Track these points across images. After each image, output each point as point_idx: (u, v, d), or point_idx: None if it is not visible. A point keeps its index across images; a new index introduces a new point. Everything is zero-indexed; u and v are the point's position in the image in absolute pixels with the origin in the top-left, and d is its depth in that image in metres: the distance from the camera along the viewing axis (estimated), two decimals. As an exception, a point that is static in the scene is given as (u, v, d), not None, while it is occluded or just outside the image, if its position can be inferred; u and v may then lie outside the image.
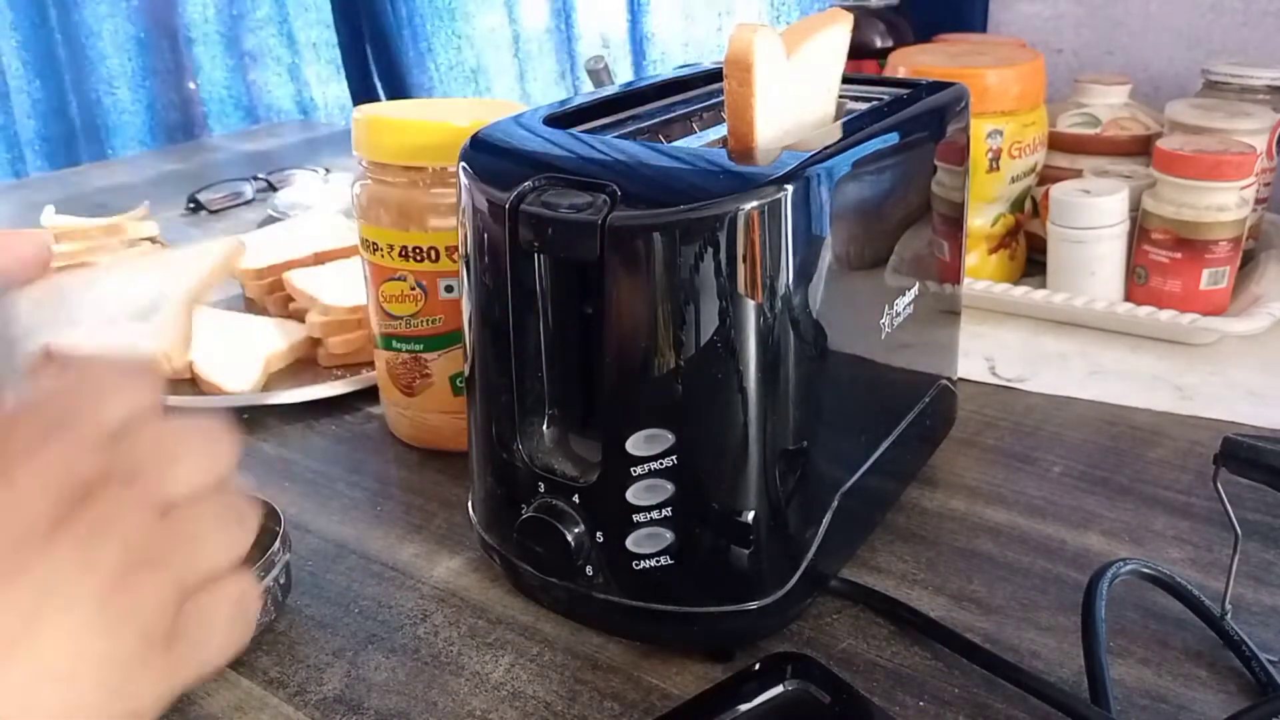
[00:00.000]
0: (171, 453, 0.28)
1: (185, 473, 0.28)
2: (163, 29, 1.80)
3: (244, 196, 1.17)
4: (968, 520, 0.55)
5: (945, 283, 0.55)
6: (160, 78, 1.82)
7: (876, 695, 0.43)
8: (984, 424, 0.64)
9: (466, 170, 0.44)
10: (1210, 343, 0.73)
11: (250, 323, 0.79)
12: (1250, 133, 0.77)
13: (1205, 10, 0.94)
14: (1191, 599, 0.46)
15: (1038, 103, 0.79)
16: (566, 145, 0.44)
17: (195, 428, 0.29)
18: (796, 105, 0.47)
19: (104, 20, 1.78)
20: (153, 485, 0.27)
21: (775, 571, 0.43)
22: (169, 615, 0.26)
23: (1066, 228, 0.76)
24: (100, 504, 0.25)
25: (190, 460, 0.28)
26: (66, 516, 0.24)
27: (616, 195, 0.39)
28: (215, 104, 1.83)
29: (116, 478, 0.26)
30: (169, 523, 0.27)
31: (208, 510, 0.28)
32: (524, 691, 0.44)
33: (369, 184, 0.58)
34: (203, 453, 0.28)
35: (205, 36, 1.80)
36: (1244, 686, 0.43)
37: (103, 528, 0.25)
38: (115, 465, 0.26)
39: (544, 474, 0.43)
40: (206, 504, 0.28)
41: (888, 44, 0.92)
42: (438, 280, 0.57)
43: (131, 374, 0.29)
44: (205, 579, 0.27)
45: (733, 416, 0.40)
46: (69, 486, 0.25)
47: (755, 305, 0.39)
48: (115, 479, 0.26)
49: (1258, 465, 0.43)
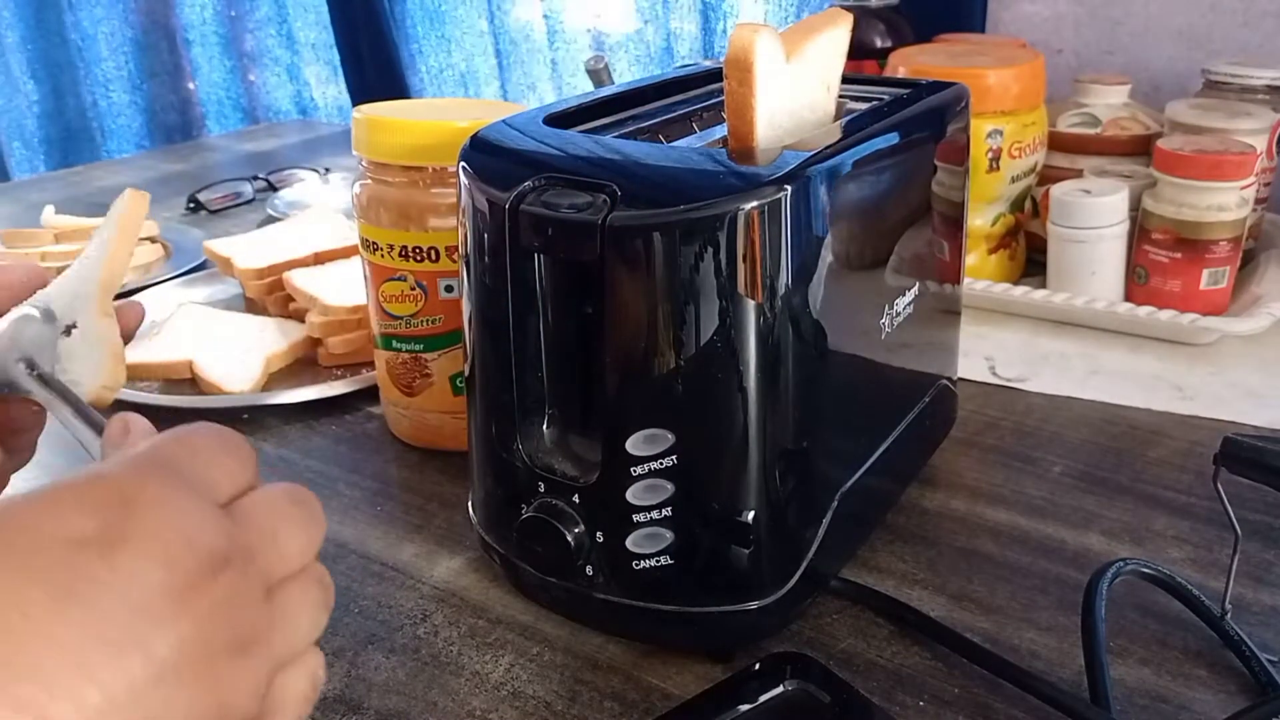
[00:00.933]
0: (277, 528, 0.27)
1: (290, 549, 0.27)
2: (160, 30, 1.80)
3: (244, 196, 1.17)
4: (968, 520, 0.55)
5: (945, 283, 0.55)
6: (158, 79, 1.82)
7: (876, 695, 0.43)
8: (984, 424, 0.64)
9: (466, 170, 0.44)
10: (1210, 343, 0.73)
11: (250, 323, 0.79)
12: (1250, 133, 0.77)
13: (1205, 10, 0.94)
14: (1191, 599, 0.46)
15: (1038, 103, 0.79)
16: (566, 145, 0.44)
17: (291, 497, 0.28)
18: (796, 105, 0.47)
19: (100, 23, 1.78)
20: (269, 564, 0.26)
21: (775, 571, 0.43)
22: (261, 697, 0.25)
23: (1066, 228, 0.76)
24: (223, 583, 0.24)
25: (292, 534, 0.28)
26: (190, 591, 0.23)
27: (616, 195, 0.39)
28: (213, 105, 1.83)
29: (238, 555, 0.25)
30: (273, 603, 0.26)
31: (305, 587, 0.28)
32: (524, 691, 0.44)
33: (369, 184, 0.58)
34: (301, 524, 0.28)
35: (203, 38, 1.79)
36: (1244, 686, 0.43)
37: (224, 608, 0.24)
38: (233, 541, 0.25)
39: (544, 474, 0.43)
40: (304, 580, 0.28)
41: (888, 44, 0.92)
42: (438, 280, 0.57)
43: (231, 443, 0.28)
44: (295, 657, 0.27)
45: (733, 416, 0.40)
46: (196, 560, 0.24)
47: (755, 305, 0.39)
48: (237, 556, 0.25)
49: (1258, 465, 0.43)
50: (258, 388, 0.71)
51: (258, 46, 1.77)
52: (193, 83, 1.83)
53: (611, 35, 1.37)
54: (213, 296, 0.88)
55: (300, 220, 0.97)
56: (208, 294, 0.88)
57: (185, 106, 1.85)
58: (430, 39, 1.54)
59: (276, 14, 1.72)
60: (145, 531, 0.23)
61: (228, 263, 0.86)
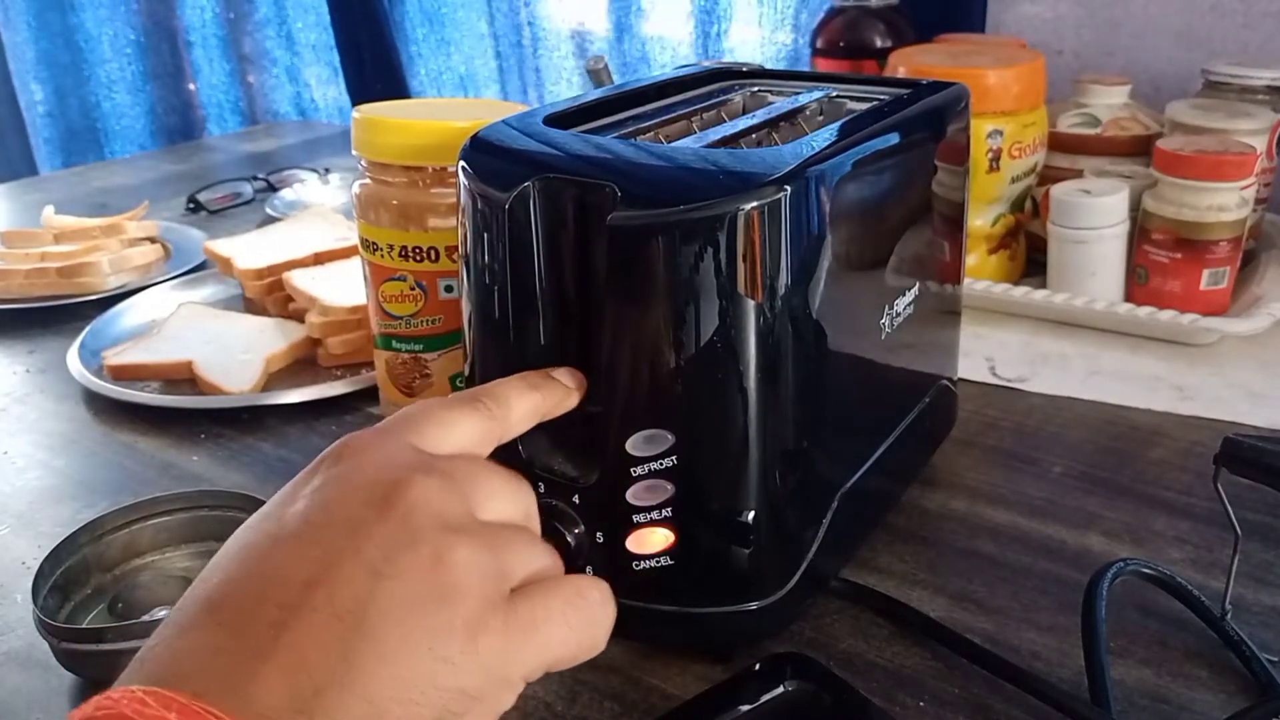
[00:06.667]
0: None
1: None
2: (162, 32, 1.80)
3: (244, 196, 1.17)
4: (968, 520, 0.55)
5: (945, 283, 0.55)
6: (160, 81, 1.82)
7: (876, 695, 0.43)
8: (984, 424, 0.64)
9: (466, 170, 0.44)
10: (1210, 343, 0.73)
11: (250, 323, 0.79)
12: (1250, 133, 0.77)
13: (1205, 12, 0.94)
14: (1191, 599, 0.46)
15: (1038, 103, 0.79)
16: (566, 145, 0.44)
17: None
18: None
19: (103, 24, 1.78)
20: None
21: (775, 572, 0.43)
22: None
23: (1067, 228, 0.76)
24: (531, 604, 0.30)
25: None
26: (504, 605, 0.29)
27: (616, 195, 0.39)
28: (214, 107, 1.83)
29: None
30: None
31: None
32: (524, 691, 0.44)
33: (369, 184, 0.58)
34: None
35: (204, 40, 1.79)
36: (1244, 686, 0.43)
37: (541, 623, 0.29)
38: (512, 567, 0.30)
39: (544, 474, 0.43)
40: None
41: (887, 44, 0.92)
42: (438, 280, 0.57)
43: (511, 483, 0.33)
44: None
45: (733, 416, 0.40)
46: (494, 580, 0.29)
47: (755, 305, 0.39)
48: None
49: (1258, 465, 0.43)
50: (258, 388, 0.71)
51: (257, 48, 1.77)
52: (193, 84, 1.83)
53: (598, 40, 1.36)
54: (213, 296, 0.88)
55: (300, 220, 0.97)
56: (208, 294, 0.88)
57: (186, 109, 1.85)
58: (430, 41, 1.54)
59: (276, 15, 1.72)
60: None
61: (228, 263, 0.86)
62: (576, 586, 0.31)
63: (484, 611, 0.28)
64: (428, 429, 0.32)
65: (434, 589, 0.27)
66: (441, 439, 0.33)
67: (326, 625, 0.25)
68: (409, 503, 0.28)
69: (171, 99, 1.83)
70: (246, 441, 0.66)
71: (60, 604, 0.48)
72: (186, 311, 0.81)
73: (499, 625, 0.28)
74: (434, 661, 0.26)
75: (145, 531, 0.52)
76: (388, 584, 0.27)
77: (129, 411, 0.70)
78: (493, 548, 0.29)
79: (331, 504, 0.29)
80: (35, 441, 0.68)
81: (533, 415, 0.36)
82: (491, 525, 0.30)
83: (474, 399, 0.34)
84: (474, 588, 0.28)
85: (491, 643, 0.28)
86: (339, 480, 0.29)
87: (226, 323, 0.79)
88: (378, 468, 0.30)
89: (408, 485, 0.29)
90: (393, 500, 0.28)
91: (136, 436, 0.67)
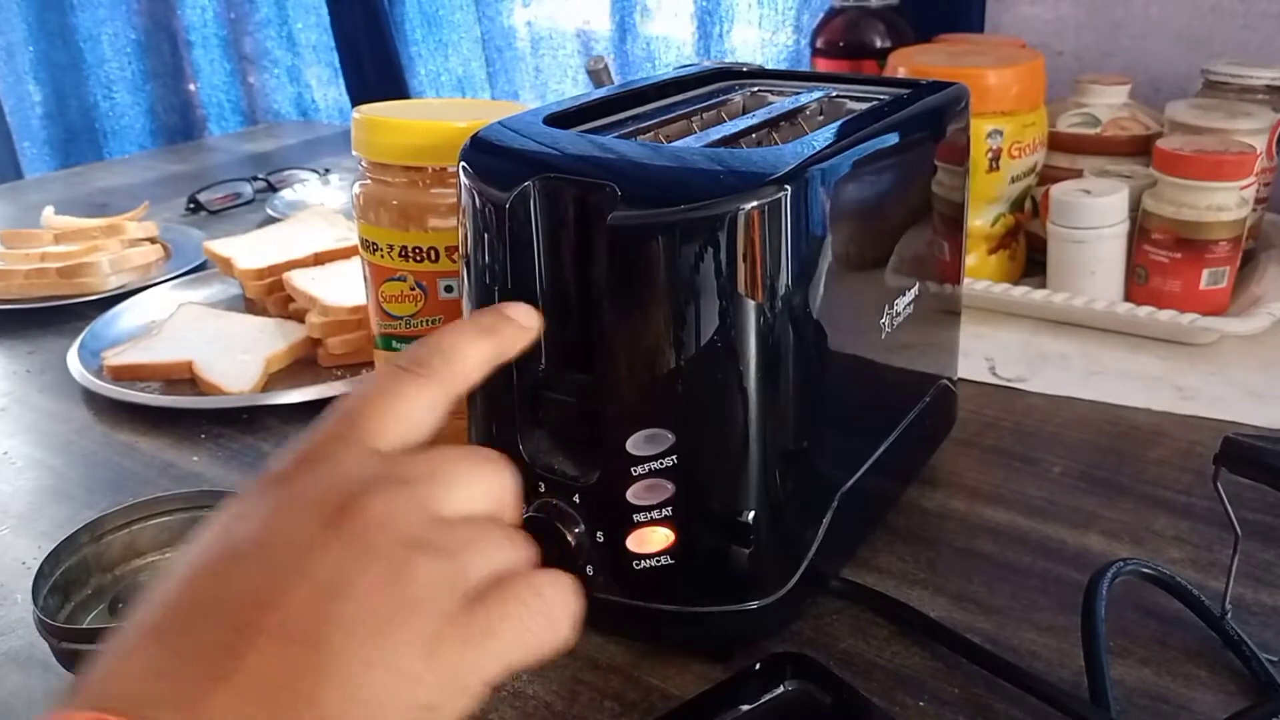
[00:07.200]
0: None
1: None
2: (163, 32, 1.80)
3: (244, 197, 1.17)
4: (968, 520, 0.55)
5: (945, 283, 0.55)
6: (160, 81, 1.82)
7: (876, 695, 0.43)
8: (984, 424, 0.64)
9: (466, 170, 0.44)
10: (1210, 343, 0.73)
11: (250, 323, 0.79)
12: (1250, 133, 0.77)
13: (1205, 13, 0.94)
14: (1191, 599, 0.46)
15: (1038, 103, 0.79)
16: (566, 145, 0.44)
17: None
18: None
19: (103, 24, 1.78)
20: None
21: (775, 571, 0.43)
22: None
23: (1066, 228, 0.76)
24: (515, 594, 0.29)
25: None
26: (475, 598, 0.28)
27: (616, 195, 0.39)
28: (214, 108, 1.83)
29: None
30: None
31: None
32: (524, 691, 0.44)
33: (369, 184, 0.57)
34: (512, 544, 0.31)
35: (204, 40, 1.79)
36: (1244, 686, 0.43)
37: (499, 628, 0.28)
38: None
39: (544, 474, 0.43)
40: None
41: (887, 44, 0.92)
42: (438, 280, 0.57)
43: (476, 468, 0.31)
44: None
45: (733, 416, 0.40)
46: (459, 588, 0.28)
47: (755, 305, 0.39)
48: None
49: (1258, 465, 0.43)
50: (257, 388, 0.71)
51: (258, 48, 1.77)
52: (194, 84, 1.83)
53: (602, 40, 1.36)
54: (213, 297, 0.88)
55: (300, 221, 0.97)
56: (208, 294, 0.88)
57: (186, 109, 1.84)
58: (429, 42, 1.54)
59: (277, 15, 1.72)
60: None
61: (228, 263, 0.86)
62: (534, 586, 0.29)
63: (441, 624, 0.27)
64: (376, 424, 0.31)
65: (389, 607, 0.27)
66: (393, 431, 0.31)
67: (280, 648, 0.25)
68: (364, 520, 0.28)
69: (171, 99, 1.83)
70: (246, 441, 0.66)
71: (60, 604, 0.48)
72: (186, 312, 0.81)
73: (457, 635, 0.27)
74: (391, 679, 0.26)
75: (145, 532, 0.52)
76: (341, 605, 0.26)
77: (129, 412, 0.70)
78: (451, 554, 0.28)
79: (282, 525, 0.28)
80: (35, 441, 0.68)
81: (487, 362, 0.34)
82: (452, 525, 0.29)
83: (416, 364, 0.32)
84: (431, 601, 0.27)
85: (449, 654, 0.27)
86: (291, 499, 0.29)
87: (226, 323, 0.79)
88: (331, 482, 0.29)
89: (362, 502, 0.28)
90: (346, 517, 0.28)
91: (136, 437, 0.67)
